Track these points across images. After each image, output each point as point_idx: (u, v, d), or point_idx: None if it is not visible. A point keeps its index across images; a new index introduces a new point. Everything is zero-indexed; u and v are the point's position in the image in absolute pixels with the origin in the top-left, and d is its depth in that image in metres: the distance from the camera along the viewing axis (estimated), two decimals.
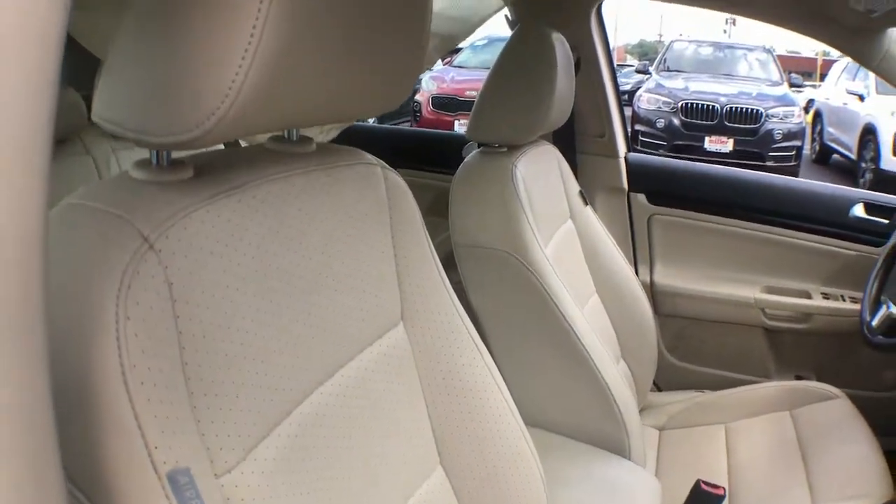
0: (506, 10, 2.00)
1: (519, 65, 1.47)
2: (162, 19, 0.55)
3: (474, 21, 1.50)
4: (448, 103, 8.26)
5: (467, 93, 7.68)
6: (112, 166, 2.25)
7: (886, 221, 1.94)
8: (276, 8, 0.52)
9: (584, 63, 2.02)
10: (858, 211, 1.98)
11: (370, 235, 0.80)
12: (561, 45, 1.50)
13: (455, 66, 9.39)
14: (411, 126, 8.22)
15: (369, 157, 0.84)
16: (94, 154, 2.23)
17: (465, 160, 1.48)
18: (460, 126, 7.34)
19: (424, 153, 2.42)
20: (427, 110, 8.51)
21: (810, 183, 2.23)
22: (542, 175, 1.54)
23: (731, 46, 9.45)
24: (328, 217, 0.73)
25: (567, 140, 2.11)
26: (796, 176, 7.48)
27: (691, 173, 2.19)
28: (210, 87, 0.53)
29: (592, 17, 2.03)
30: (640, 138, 7.74)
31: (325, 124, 0.69)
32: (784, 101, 7.81)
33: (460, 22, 1.49)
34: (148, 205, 0.56)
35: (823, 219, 2.01)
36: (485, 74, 1.49)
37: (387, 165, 0.86)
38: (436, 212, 2.12)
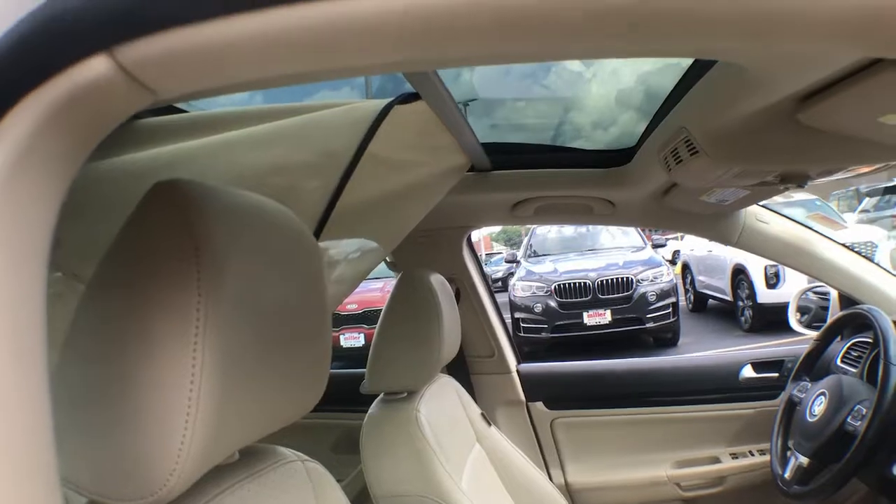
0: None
1: (405, 313, 1.58)
2: (103, 375, 0.60)
3: (362, 274, 1.64)
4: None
5: (348, 307, 7.77)
6: None
7: (776, 375, 2.10)
8: (207, 368, 0.59)
9: (463, 291, 2.18)
10: (747, 372, 2.13)
11: None
12: (441, 284, 1.63)
13: None
14: None
15: (287, 452, 0.91)
16: None
17: (370, 411, 1.55)
18: (346, 340, 7.43)
19: (324, 395, 2.43)
20: None
21: (695, 357, 2.38)
22: (444, 410, 1.63)
23: None
24: None
25: (459, 365, 2.21)
26: (678, 331, 7.80)
27: (582, 373, 2.31)
28: (159, 457, 0.59)
29: (464, 245, 2.21)
30: (522, 325, 7.85)
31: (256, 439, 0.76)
32: (650, 263, 8.13)
33: (351, 277, 1.63)
34: None
35: (716, 388, 2.15)
36: (360, 286, 1.57)
37: (304, 456, 0.92)
38: (342, 449, 2.14)
